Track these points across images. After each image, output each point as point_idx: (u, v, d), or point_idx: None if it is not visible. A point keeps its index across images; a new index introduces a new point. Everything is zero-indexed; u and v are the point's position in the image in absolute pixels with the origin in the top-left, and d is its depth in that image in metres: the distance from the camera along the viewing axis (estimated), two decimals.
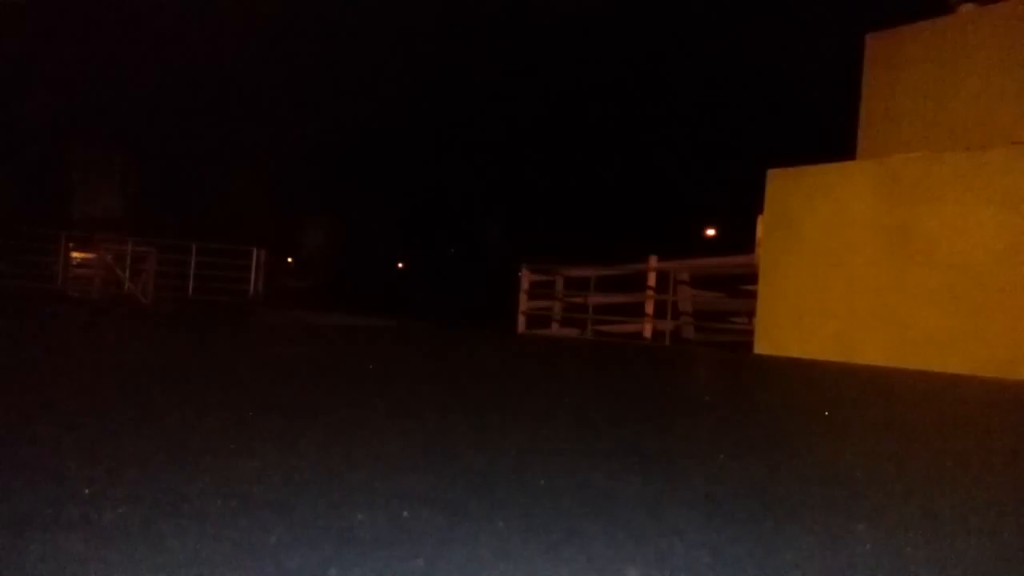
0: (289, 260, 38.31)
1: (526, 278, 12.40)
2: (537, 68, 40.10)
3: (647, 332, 11.33)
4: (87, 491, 1.50)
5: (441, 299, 25.40)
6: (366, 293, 25.36)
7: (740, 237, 12.42)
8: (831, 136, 10.38)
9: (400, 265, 47.93)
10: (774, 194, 8.64)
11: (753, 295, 8.91)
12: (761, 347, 8.49)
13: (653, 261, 11.25)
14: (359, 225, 40.98)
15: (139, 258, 14.29)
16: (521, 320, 12.31)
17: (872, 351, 7.47)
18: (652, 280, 11.25)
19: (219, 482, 1.63)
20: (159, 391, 3.10)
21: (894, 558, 1.41)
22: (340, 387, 3.68)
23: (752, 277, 9.09)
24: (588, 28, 39.02)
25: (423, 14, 35.59)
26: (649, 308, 11.35)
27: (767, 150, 12.51)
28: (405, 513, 1.46)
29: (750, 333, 8.93)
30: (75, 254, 14.73)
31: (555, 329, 12.32)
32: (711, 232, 36.30)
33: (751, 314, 9.11)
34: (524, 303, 12.36)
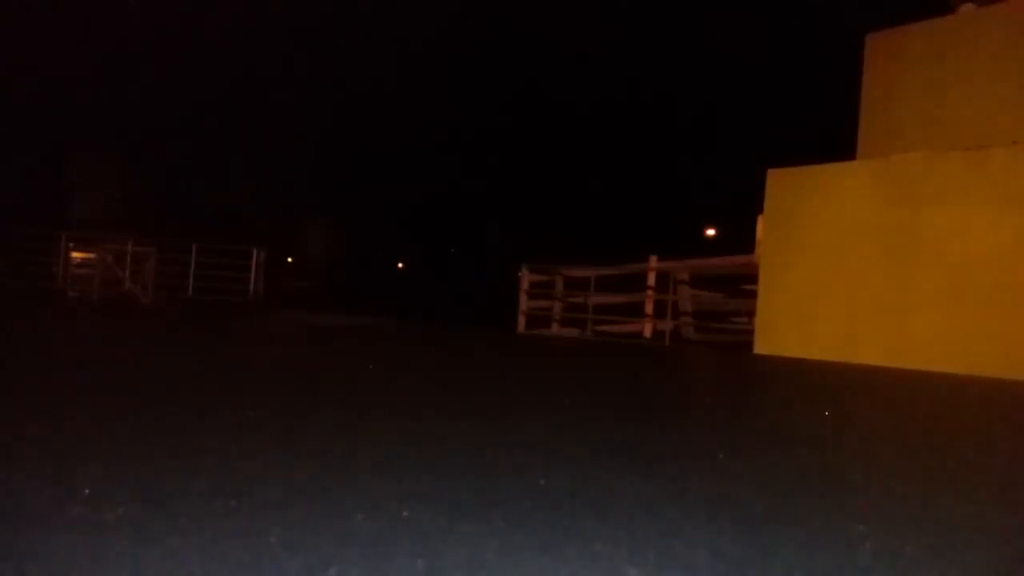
0: (289, 260, 38.29)
1: (526, 278, 12.40)
2: (538, 68, 40.09)
3: (647, 332, 11.34)
4: (87, 491, 1.50)
5: (441, 299, 25.40)
6: (366, 293, 25.36)
7: (740, 237, 12.43)
8: (831, 136, 10.38)
9: (400, 265, 47.93)
10: (774, 194, 8.64)
11: (753, 295, 8.91)
12: (761, 347, 8.49)
13: (653, 261, 11.26)
14: (359, 225, 40.98)
15: (139, 258, 14.30)
16: (521, 320, 12.31)
17: (872, 351, 7.47)
18: (652, 280, 11.26)
19: (219, 482, 1.62)
20: (159, 391, 3.10)
21: (894, 558, 1.41)
22: (340, 387, 3.68)
23: (752, 277, 9.09)
24: (589, 29, 39.02)
25: (424, 15, 35.60)
26: (649, 308, 11.36)
27: (767, 150, 12.50)
28: (405, 513, 1.46)
29: (750, 333, 8.93)
30: (75, 254, 14.73)
31: (555, 329, 12.32)
32: (711, 232, 36.31)
33: (751, 314, 9.11)
34: (524, 303, 12.36)
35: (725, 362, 7.74)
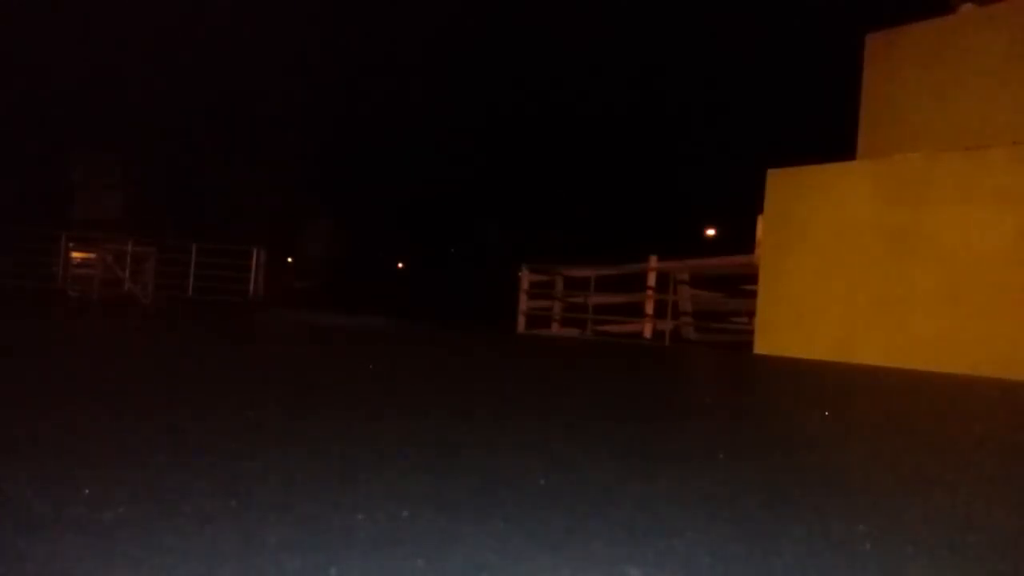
0: (289, 260, 38.26)
1: (526, 278, 12.40)
2: (537, 68, 40.12)
3: (647, 332, 11.34)
4: (87, 491, 1.50)
5: (441, 299, 25.41)
6: (366, 293, 25.35)
7: (740, 237, 12.43)
8: (831, 136, 10.38)
9: (400, 265, 47.91)
10: (774, 194, 8.64)
11: (753, 295, 8.91)
12: (761, 347, 8.49)
13: (653, 261, 11.25)
14: (359, 225, 40.97)
15: (139, 258, 14.30)
16: (521, 320, 12.31)
17: (872, 351, 7.47)
18: (652, 280, 11.26)
19: (219, 482, 1.63)
20: (159, 391, 3.10)
21: (894, 558, 1.41)
22: (340, 387, 3.68)
23: (752, 277, 9.09)
24: (588, 28, 39.02)
25: (424, 14, 35.63)
26: (649, 308, 11.36)
27: (767, 150, 12.50)
28: (405, 513, 1.46)
29: (750, 333, 8.93)
30: (75, 254, 14.73)
31: (555, 329, 12.32)
32: (711, 232, 36.30)
33: (751, 314, 9.11)
34: (524, 303, 12.36)
35: (725, 362, 7.74)
